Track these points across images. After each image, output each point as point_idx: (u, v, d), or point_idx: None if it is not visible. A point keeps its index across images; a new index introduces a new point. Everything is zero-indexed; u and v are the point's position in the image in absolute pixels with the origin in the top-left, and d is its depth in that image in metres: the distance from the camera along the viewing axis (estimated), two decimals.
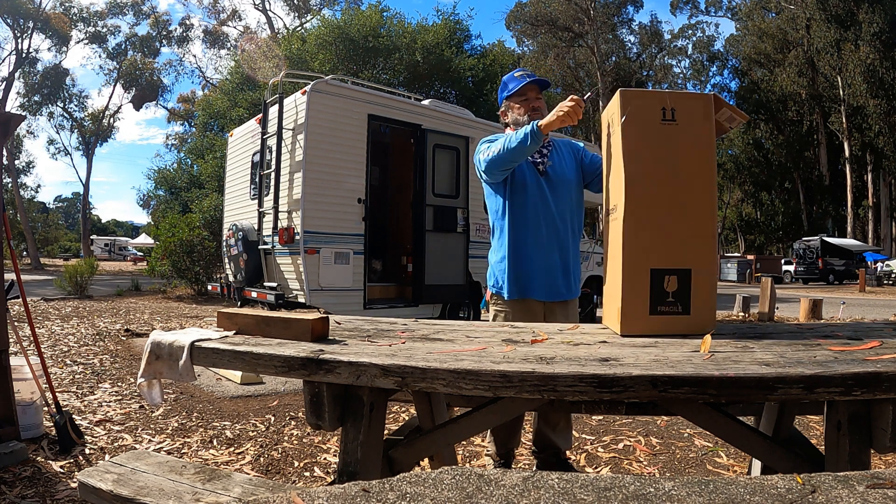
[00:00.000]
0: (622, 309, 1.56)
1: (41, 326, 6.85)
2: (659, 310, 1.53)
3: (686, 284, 1.52)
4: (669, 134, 1.54)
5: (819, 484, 0.75)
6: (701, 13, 39.71)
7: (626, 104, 1.57)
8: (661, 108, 1.55)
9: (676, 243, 1.54)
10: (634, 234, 1.55)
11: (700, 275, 1.52)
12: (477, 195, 7.62)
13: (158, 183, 22.16)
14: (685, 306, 1.52)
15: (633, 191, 1.55)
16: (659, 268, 1.53)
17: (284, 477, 2.49)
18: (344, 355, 1.27)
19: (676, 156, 1.54)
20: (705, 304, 1.53)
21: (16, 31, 27.22)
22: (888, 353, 1.19)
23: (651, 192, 1.55)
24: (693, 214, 1.53)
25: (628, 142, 1.56)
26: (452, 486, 0.78)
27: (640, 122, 1.56)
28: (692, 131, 1.54)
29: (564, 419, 2.32)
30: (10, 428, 2.51)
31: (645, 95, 1.59)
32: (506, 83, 2.33)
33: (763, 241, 40.80)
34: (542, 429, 2.31)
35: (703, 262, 1.53)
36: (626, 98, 1.57)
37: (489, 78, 18.31)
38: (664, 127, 1.54)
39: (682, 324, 1.53)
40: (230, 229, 7.20)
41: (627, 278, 1.55)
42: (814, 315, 8.65)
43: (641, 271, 1.54)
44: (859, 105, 28.74)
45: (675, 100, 1.55)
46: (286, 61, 16.82)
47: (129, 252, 47.29)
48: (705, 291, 1.52)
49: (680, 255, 1.53)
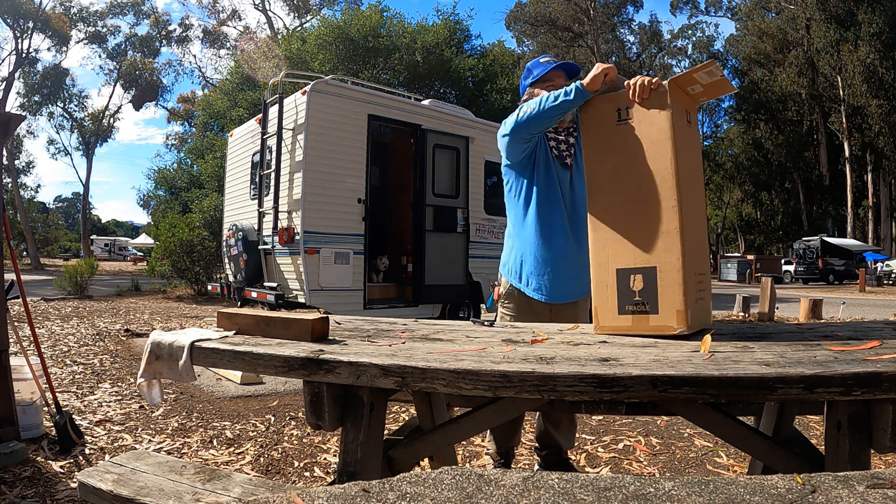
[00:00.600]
0: (594, 309, 1.60)
1: (41, 326, 6.85)
2: (627, 309, 1.54)
3: (652, 283, 1.50)
4: (625, 133, 1.56)
5: (819, 484, 0.75)
6: (701, 13, 39.77)
7: (584, 113, 1.68)
8: (617, 109, 1.58)
9: (640, 241, 1.53)
10: (598, 236, 1.60)
11: (666, 272, 1.49)
12: (477, 195, 7.64)
13: (158, 183, 22.15)
14: (653, 305, 1.50)
15: (594, 195, 1.62)
16: (624, 267, 1.54)
17: (284, 477, 2.49)
18: (344, 355, 1.27)
19: (633, 154, 1.54)
20: (674, 302, 1.47)
21: (16, 31, 27.23)
22: (888, 353, 1.19)
23: (611, 192, 1.58)
24: (655, 211, 1.51)
25: (587, 149, 1.65)
26: (452, 486, 0.78)
27: (596, 128, 1.63)
28: (647, 126, 1.53)
29: (568, 418, 2.30)
30: (10, 428, 2.51)
31: (600, 101, 1.64)
32: (530, 69, 2.18)
33: (763, 241, 40.79)
34: (546, 427, 2.29)
35: (670, 259, 1.48)
36: (584, 108, 1.68)
37: (489, 78, 18.30)
38: (619, 127, 1.57)
39: (650, 322, 1.51)
40: (230, 229, 7.20)
41: (596, 279, 1.60)
42: (814, 315, 8.65)
43: (608, 271, 1.57)
44: (859, 105, 28.75)
45: (629, 98, 1.55)
46: (286, 61, 16.81)
47: (129, 252, 47.27)
48: (673, 289, 1.48)
49: (644, 254, 1.52)
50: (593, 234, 1.61)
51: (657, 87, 1.52)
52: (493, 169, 8.06)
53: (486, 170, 7.87)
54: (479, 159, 7.70)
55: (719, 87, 1.57)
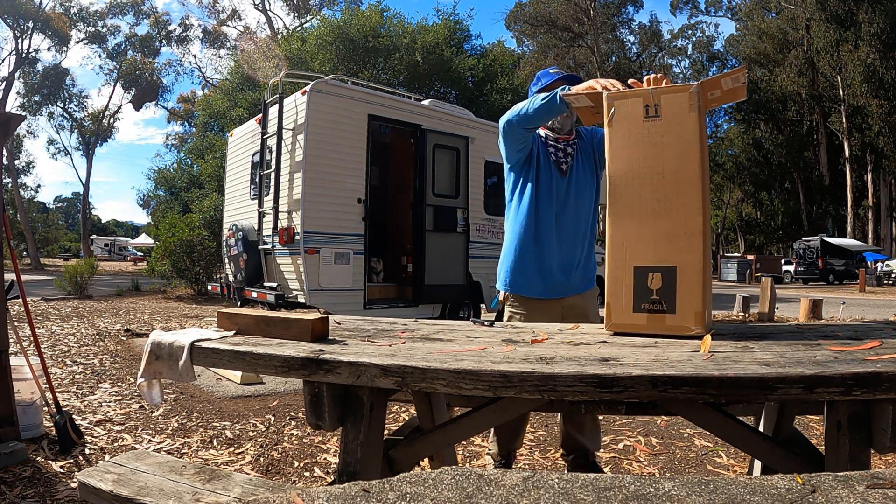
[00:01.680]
0: (607, 306, 1.58)
1: (41, 326, 6.85)
2: (642, 307, 1.52)
3: (671, 282, 1.49)
4: (653, 130, 1.53)
5: (819, 484, 0.75)
6: (701, 13, 39.79)
7: (609, 106, 1.59)
8: (645, 106, 1.54)
9: (661, 241, 1.51)
10: (617, 232, 1.56)
11: (686, 273, 1.48)
12: (477, 195, 7.64)
13: (158, 183, 22.17)
14: (670, 305, 1.49)
15: (615, 190, 1.57)
16: (642, 265, 1.52)
17: (284, 477, 2.49)
18: (344, 355, 1.27)
19: (660, 152, 1.52)
20: (692, 303, 1.47)
21: (16, 31, 27.23)
22: (888, 353, 1.19)
23: (634, 190, 1.55)
24: (678, 211, 1.49)
25: (612, 143, 1.59)
26: (452, 486, 0.78)
27: (623, 122, 1.57)
28: (676, 125, 1.51)
29: (591, 420, 2.30)
30: (10, 428, 2.51)
31: (627, 94, 1.59)
32: (539, 77, 2.32)
33: (763, 241, 40.79)
34: (570, 431, 2.30)
35: (691, 260, 1.48)
36: (609, 100, 1.59)
37: (489, 78, 18.31)
38: (647, 124, 1.54)
39: (666, 322, 1.50)
40: (230, 229, 7.20)
41: (611, 276, 1.57)
42: (814, 315, 8.64)
43: (625, 269, 1.54)
44: (859, 105, 28.76)
45: (658, 95, 1.53)
46: (286, 61, 16.81)
47: (129, 252, 47.27)
48: (692, 290, 1.47)
49: (665, 253, 1.50)
50: (611, 230, 1.57)
51: (688, 90, 1.51)
52: (493, 169, 8.06)
53: (486, 170, 7.87)
54: (479, 159, 7.70)
55: (735, 93, 1.57)
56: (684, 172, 1.50)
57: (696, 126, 1.49)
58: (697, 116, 1.49)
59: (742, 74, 1.53)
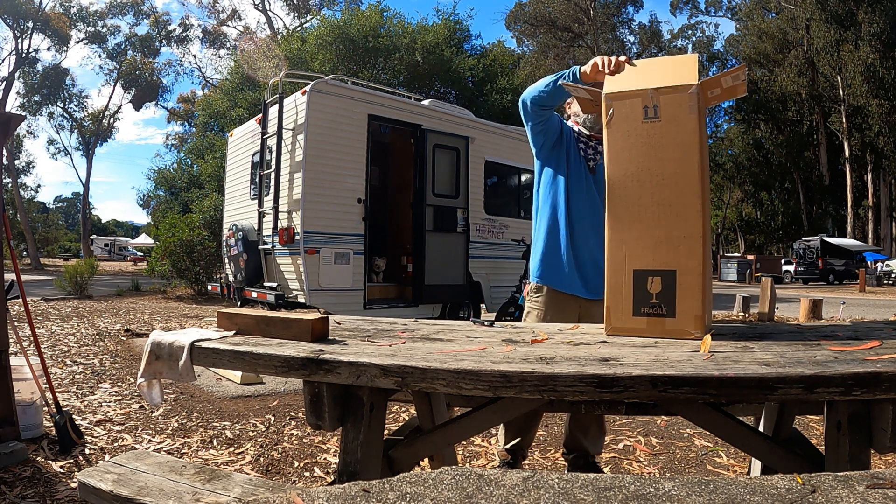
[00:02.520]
0: (606, 310, 1.56)
1: (41, 326, 6.85)
2: (642, 311, 1.51)
3: (671, 286, 1.48)
4: (652, 131, 1.51)
5: (819, 484, 0.75)
6: (701, 13, 39.80)
7: (608, 107, 1.57)
8: (644, 107, 1.52)
9: (661, 244, 1.49)
10: (616, 235, 1.55)
11: (686, 276, 1.47)
12: (477, 195, 7.64)
13: (158, 183, 22.17)
14: (670, 308, 1.48)
15: (614, 192, 1.56)
16: (642, 269, 1.51)
17: (284, 477, 2.49)
18: (344, 355, 1.27)
19: (660, 154, 1.50)
20: (692, 307, 1.46)
21: (16, 31, 27.22)
22: (888, 353, 1.19)
23: (633, 192, 1.53)
24: (678, 214, 1.48)
25: (610, 144, 1.57)
26: (452, 486, 0.78)
27: (621, 123, 1.54)
28: (675, 126, 1.49)
29: (596, 424, 2.31)
30: (10, 428, 2.51)
31: (626, 96, 1.56)
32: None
33: (763, 241, 40.79)
34: (574, 432, 2.32)
35: (691, 264, 1.47)
36: (608, 101, 1.57)
37: (489, 78, 18.29)
38: (646, 125, 1.51)
39: (666, 326, 1.49)
40: (230, 229, 7.20)
41: (611, 279, 1.56)
42: (814, 315, 8.64)
43: (624, 272, 1.54)
44: (859, 105, 28.75)
45: (658, 96, 1.50)
46: (286, 61, 16.80)
47: (129, 252, 47.25)
48: (692, 293, 1.46)
49: (664, 256, 1.49)
50: (611, 233, 1.56)
51: (687, 90, 1.48)
52: (493, 169, 8.05)
53: (486, 170, 7.87)
54: (479, 159, 7.69)
55: (734, 90, 1.56)
56: (684, 174, 1.48)
57: (696, 127, 1.47)
58: (697, 117, 1.48)
59: (742, 73, 1.52)
